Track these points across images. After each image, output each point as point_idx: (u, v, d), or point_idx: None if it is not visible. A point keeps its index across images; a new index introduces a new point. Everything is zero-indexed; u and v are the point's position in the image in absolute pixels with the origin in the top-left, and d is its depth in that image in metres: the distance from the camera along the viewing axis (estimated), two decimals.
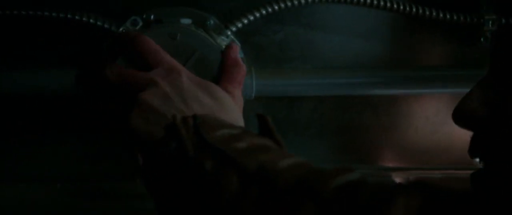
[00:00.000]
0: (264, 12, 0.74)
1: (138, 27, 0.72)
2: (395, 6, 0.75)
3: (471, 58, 0.78)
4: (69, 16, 0.72)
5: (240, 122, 0.65)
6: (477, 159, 0.53)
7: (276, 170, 0.44)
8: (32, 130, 0.80)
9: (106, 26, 0.72)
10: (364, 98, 0.81)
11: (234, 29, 0.74)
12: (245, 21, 0.74)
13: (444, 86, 0.78)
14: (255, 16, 0.74)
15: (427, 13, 0.75)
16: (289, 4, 0.74)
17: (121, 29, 0.71)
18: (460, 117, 0.52)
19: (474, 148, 0.52)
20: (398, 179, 0.83)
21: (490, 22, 0.74)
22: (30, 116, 0.79)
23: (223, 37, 0.74)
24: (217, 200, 0.44)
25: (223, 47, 0.73)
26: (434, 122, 0.82)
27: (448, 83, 0.77)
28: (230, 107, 0.65)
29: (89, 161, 0.82)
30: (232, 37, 0.75)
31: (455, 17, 0.75)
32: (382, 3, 0.75)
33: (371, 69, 0.79)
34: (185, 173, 0.48)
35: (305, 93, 0.78)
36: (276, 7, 0.74)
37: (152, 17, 0.73)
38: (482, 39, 0.75)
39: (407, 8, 0.75)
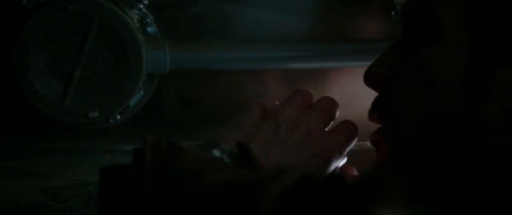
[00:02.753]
0: None
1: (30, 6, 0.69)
2: None
3: (383, 31, 0.80)
4: None
5: None
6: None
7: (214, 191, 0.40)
8: None
9: None
10: (281, 72, 0.81)
11: (146, 2, 0.73)
12: None
13: (358, 59, 0.79)
14: None
15: None
16: None
17: (24, 1, 0.68)
18: (367, 77, 0.56)
19: (373, 106, 0.56)
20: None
21: None
22: None
23: (135, 11, 0.73)
24: None
25: (135, 20, 0.72)
26: (347, 95, 0.83)
27: (360, 56, 0.78)
28: None
29: None
30: (145, 10, 0.73)
31: None
32: None
33: (287, 43, 0.79)
34: (138, 207, 0.44)
35: (221, 67, 0.78)
36: None
37: None
38: (392, 12, 0.76)
39: None
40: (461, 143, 0.47)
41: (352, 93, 0.84)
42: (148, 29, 0.74)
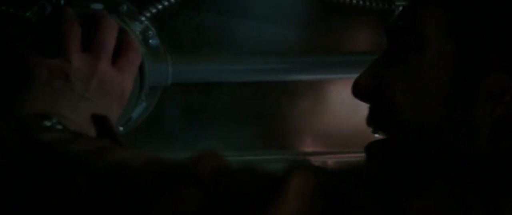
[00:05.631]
0: None
1: (46, 12, 0.69)
2: None
3: (384, 43, 0.80)
4: None
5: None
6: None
7: (131, 168, 0.40)
8: None
9: (11, 10, 0.69)
10: (281, 84, 0.82)
11: (148, 14, 0.73)
12: (160, 7, 0.73)
13: (357, 70, 0.79)
14: (169, 2, 0.73)
15: None
16: None
17: (28, 13, 0.68)
18: (354, 88, 0.59)
19: (369, 118, 0.58)
20: (316, 164, 0.84)
21: (401, 8, 0.76)
22: None
23: (137, 23, 0.73)
24: (60, 206, 0.39)
25: (137, 32, 0.72)
26: (349, 105, 0.83)
27: (360, 68, 0.79)
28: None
29: None
30: (147, 22, 0.73)
31: (367, 3, 0.76)
32: None
33: (287, 55, 0.79)
34: (11, 179, 0.42)
35: (222, 79, 0.78)
36: None
37: (62, 1, 0.70)
38: None
39: None
40: (448, 150, 0.48)
41: (354, 104, 0.83)
42: (151, 41, 0.74)
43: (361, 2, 0.76)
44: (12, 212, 0.41)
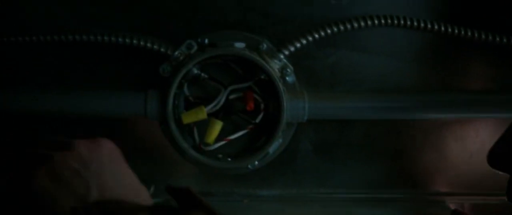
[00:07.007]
0: (316, 36, 0.74)
1: (193, 51, 0.73)
2: (449, 29, 0.74)
3: None
4: (127, 40, 0.74)
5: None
6: None
7: None
8: None
9: (162, 50, 0.74)
10: (417, 122, 0.80)
11: (286, 52, 0.75)
12: (298, 45, 0.75)
13: (494, 110, 0.76)
14: (307, 40, 0.75)
15: (477, 35, 0.74)
16: (341, 28, 0.74)
17: (176, 53, 0.73)
18: (492, 160, 0.54)
19: (509, 190, 0.52)
20: (452, 205, 0.82)
21: None
22: None
23: (276, 61, 0.75)
24: None
25: (276, 70, 0.74)
26: (489, 146, 0.80)
27: (499, 108, 0.76)
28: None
29: None
30: (285, 60, 0.75)
31: (504, 40, 0.74)
32: (436, 27, 0.74)
33: (423, 93, 0.78)
34: None
35: (357, 116, 0.78)
36: (328, 31, 0.74)
37: (206, 41, 0.74)
38: None
39: (462, 32, 0.74)
40: None
41: (492, 144, 0.81)
42: (288, 78, 0.76)
43: (496, 39, 0.74)
44: None
